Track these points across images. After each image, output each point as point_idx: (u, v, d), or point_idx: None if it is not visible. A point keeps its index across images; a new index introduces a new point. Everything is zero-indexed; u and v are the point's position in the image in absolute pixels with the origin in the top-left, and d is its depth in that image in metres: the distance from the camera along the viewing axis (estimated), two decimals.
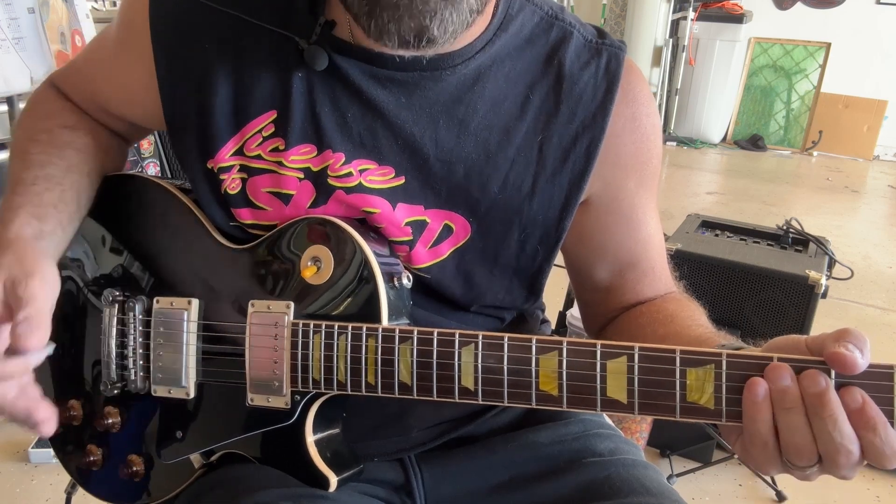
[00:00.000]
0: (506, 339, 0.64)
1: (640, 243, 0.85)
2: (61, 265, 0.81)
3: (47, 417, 0.73)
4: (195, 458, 0.81)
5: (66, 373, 0.90)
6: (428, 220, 0.78)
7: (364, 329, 0.69)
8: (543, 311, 1.01)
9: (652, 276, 0.85)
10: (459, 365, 0.65)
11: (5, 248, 0.75)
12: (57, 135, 0.86)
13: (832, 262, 2.25)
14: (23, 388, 0.72)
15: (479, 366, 0.65)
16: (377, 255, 0.73)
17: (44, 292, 0.72)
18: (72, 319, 0.91)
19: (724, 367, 0.57)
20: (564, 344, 0.62)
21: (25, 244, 0.76)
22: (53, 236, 0.79)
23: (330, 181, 0.77)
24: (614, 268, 0.85)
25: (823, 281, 2.02)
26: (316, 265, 0.74)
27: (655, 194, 0.86)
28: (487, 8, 0.73)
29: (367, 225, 0.78)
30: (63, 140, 0.86)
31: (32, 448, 1.96)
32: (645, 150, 0.82)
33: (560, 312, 2.22)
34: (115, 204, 0.88)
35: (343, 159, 0.76)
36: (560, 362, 0.62)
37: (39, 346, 0.70)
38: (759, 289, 2.06)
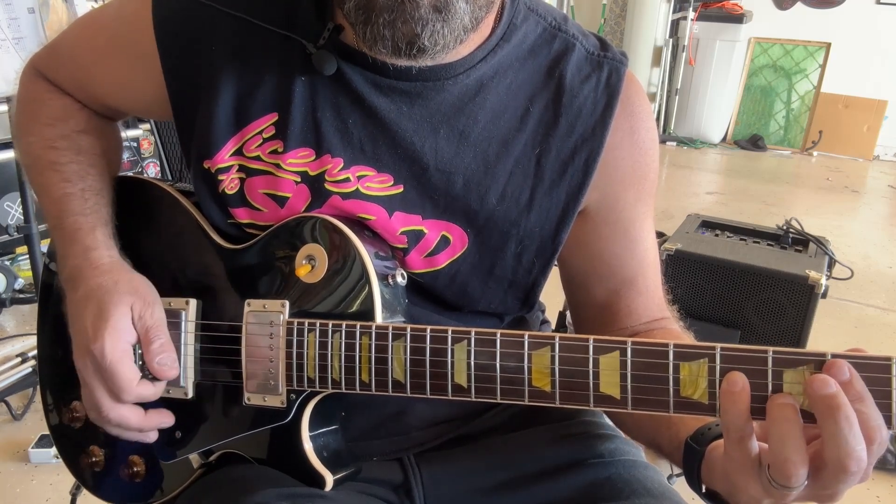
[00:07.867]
0: (498, 336, 0.64)
1: (636, 258, 0.84)
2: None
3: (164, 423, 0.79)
4: (194, 458, 0.81)
5: (67, 374, 0.90)
6: (425, 231, 0.77)
7: (358, 327, 0.69)
8: (544, 311, 1.01)
9: (647, 296, 0.85)
10: (452, 362, 0.65)
11: (113, 271, 0.77)
12: (75, 140, 0.87)
13: (832, 262, 2.25)
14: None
15: (472, 363, 0.65)
16: (371, 253, 0.73)
17: (164, 318, 0.75)
18: None
19: (717, 360, 0.57)
20: (557, 339, 0.61)
21: (121, 266, 0.78)
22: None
23: (327, 186, 0.77)
24: (611, 285, 0.84)
25: (823, 281, 2.01)
26: (310, 263, 0.74)
27: (652, 211, 0.86)
28: (485, 23, 0.73)
29: (363, 224, 0.78)
30: (83, 146, 0.87)
31: (32, 448, 1.96)
32: (643, 163, 0.82)
33: (560, 312, 2.22)
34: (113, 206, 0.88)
35: (341, 164, 0.76)
36: (552, 358, 0.62)
37: (176, 374, 0.74)
38: (759, 289, 2.05)
